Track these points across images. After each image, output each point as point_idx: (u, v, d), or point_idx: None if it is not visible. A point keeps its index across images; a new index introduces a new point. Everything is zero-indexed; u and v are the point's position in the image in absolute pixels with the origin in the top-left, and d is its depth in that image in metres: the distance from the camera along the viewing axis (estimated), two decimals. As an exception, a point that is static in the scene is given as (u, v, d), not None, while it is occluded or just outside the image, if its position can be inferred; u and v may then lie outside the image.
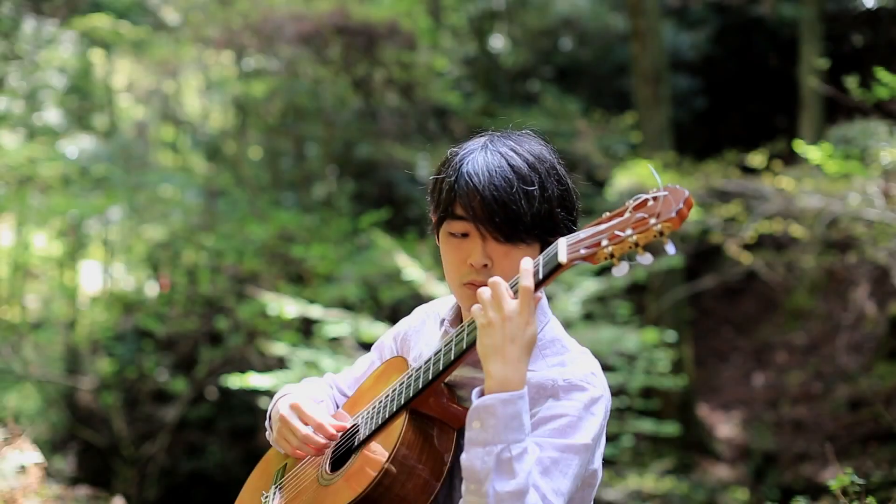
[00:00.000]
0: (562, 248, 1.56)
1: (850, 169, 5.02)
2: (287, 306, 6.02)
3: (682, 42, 11.99)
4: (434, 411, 1.78)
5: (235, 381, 5.60)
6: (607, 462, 5.97)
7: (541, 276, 1.58)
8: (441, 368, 1.72)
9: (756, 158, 6.78)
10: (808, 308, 9.79)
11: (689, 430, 8.40)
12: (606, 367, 1.91)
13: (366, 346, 6.06)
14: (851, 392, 8.31)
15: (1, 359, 8.47)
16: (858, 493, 2.70)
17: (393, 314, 7.82)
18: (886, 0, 10.80)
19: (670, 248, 1.45)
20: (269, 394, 6.17)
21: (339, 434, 1.92)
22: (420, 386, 1.75)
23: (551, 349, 1.82)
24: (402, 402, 1.78)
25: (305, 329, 7.49)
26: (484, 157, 1.76)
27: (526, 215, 1.71)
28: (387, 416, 1.81)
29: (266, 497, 2.06)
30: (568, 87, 12.01)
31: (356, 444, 1.87)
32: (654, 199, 1.48)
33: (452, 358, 1.70)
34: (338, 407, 2.15)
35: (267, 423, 2.13)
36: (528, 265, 1.61)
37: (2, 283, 10.46)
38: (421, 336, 2.06)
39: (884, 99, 4.83)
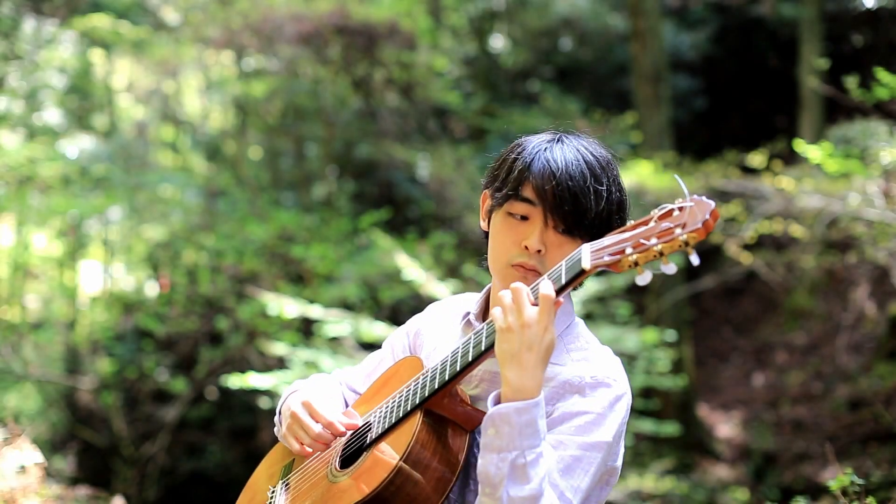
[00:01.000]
0: (585, 253, 1.56)
1: (850, 168, 5.02)
2: (287, 306, 6.01)
3: (682, 42, 11.99)
4: (448, 412, 1.78)
5: (235, 381, 5.59)
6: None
7: (563, 282, 1.59)
8: (458, 369, 1.72)
9: (756, 158, 6.79)
10: (808, 308, 9.79)
11: (689, 430, 8.40)
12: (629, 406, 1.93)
13: (366, 346, 6.06)
14: (851, 392, 8.31)
15: (1, 359, 8.46)
16: (858, 493, 2.70)
17: (393, 314, 7.82)
18: (886, 0, 10.82)
19: (695, 259, 1.46)
20: (269, 394, 6.18)
21: (350, 433, 1.91)
22: (436, 386, 1.75)
23: (575, 344, 1.85)
24: (417, 402, 1.77)
25: (305, 329, 7.49)
26: (560, 149, 1.80)
27: (591, 211, 1.75)
28: (400, 415, 1.80)
29: (273, 492, 2.04)
30: (568, 87, 12.02)
31: (368, 441, 1.86)
32: (680, 209, 1.48)
33: (470, 359, 1.71)
34: (347, 405, 2.15)
35: (277, 417, 2.12)
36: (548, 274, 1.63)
37: (2, 283, 10.45)
38: (436, 333, 2.06)
39: (884, 99, 4.83)
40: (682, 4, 12.55)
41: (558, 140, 1.84)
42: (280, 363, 7.13)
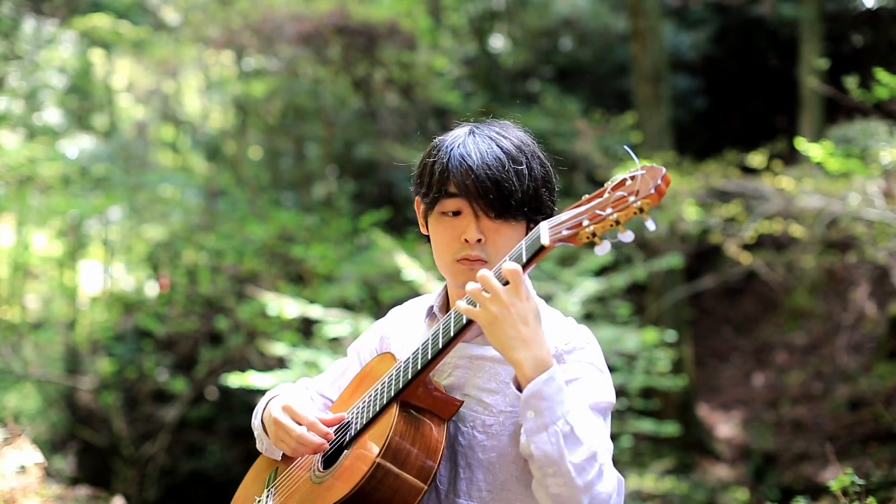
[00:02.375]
0: (544, 230, 1.59)
1: (850, 168, 5.02)
2: (287, 306, 6.01)
3: (682, 42, 11.98)
4: (424, 402, 1.79)
5: (235, 380, 5.59)
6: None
7: (524, 260, 1.61)
8: (430, 357, 1.74)
9: (756, 158, 6.78)
10: (808, 308, 9.79)
11: (689, 430, 8.40)
12: (608, 368, 1.96)
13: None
14: (851, 392, 8.31)
15: (1, 359, 8.46)
16: (858, 493, 2.70)
17: (393, 314, 7.81)
18: (886, 0, 10.82)
19: (651, 225, 1.49)
20: (269, 394, 6.16)
21: (333, 430, 1.91)
22: (409, 377, 1.76)
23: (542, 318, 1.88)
24: (392, 394, 1.79)
25: (305, 329, 7.48)
26: (474, 141, 1.85)
27: (517, 192, 1.79)
28: (377, 409, 1.81)
29: (259, 501, 2.05)
30: (568, 87, 12.01)
31: (348, 439, 1.87)
32: (632, 178, 1.51)
33: (441, 346, 1.72)
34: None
35: (258, 430, 2.11)
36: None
37: (2, 283, 10.46)
38: (401, 334, 2.08)
39: (884, 99, 4.84)
40: (682, 4, 12.54)
41: (471, 133, 1.88)
42: (280, 363, 7.13)
